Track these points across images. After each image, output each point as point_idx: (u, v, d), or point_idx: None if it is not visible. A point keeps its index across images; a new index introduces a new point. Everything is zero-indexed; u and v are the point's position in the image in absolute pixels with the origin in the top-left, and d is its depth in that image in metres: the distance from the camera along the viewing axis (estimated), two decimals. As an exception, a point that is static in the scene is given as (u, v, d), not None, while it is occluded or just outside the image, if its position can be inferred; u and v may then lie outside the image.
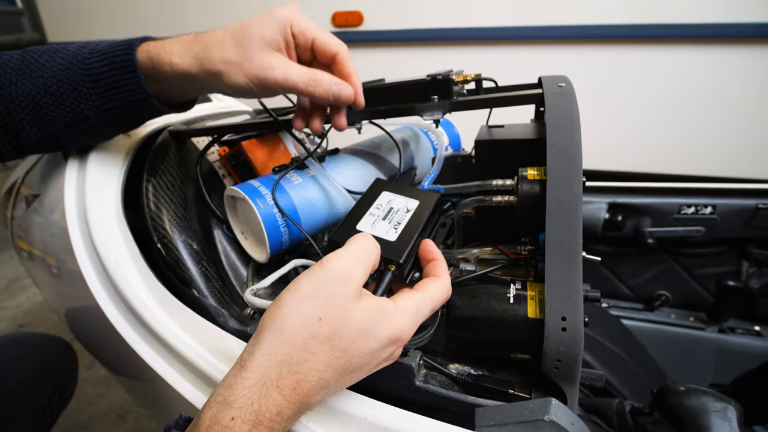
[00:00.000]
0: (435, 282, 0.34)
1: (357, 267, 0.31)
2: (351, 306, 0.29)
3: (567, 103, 0.40)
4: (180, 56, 0.39)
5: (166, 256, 0.48)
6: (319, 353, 0.28)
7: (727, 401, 0.37)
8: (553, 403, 0.29)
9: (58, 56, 0.43)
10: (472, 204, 0.46)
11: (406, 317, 0.31)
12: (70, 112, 0.43)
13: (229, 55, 0.38)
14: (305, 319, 0.28)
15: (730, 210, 0.92)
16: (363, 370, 0.31)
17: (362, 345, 0.29)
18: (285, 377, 0.27)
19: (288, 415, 0.27)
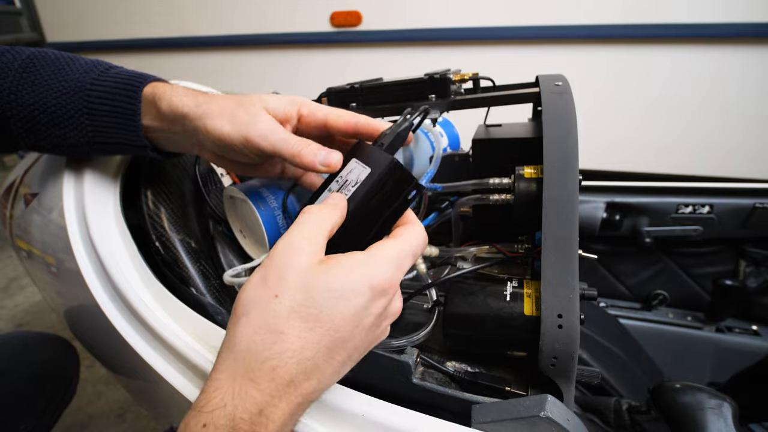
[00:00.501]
0: (408, 228, 0.32)
1: (301, 238, 0.28)
2: (310, 273, 0.26)
3: (563, 102, 0.40)
4: (181, 98, 0.39)
5: (165, 254, 0.48)
6: (288, 331, 0.25)
7: (723, 398, 0.38)
8: (548, 400, 0.30)
9: (62, 74, 0.42)
10: (470, 202, 0.46)
11: (385, 263, 0.28)
12: (62, 136, 0.43)
13: (225, 104, 0.37)
14: (262, 302, 0.26)
15: (727, 209, 0.93)
16: (357, 338, 0.27)
17: (340, 306, 0.26)
18: (255, 366, 0.24)
19: (276, 415, 0.24)
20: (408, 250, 0.30)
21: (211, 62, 2.07)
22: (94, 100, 0.41)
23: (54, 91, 0.42)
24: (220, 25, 1.95)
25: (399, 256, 0.29)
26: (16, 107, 0.42)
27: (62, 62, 0.43)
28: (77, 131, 0.43)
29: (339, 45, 1.83)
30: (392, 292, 0.28)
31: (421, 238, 0.32)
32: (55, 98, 0.42)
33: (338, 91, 0.53)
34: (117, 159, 0.55)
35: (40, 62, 0.43)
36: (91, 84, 0.42)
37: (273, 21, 1.87)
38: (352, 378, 0.38)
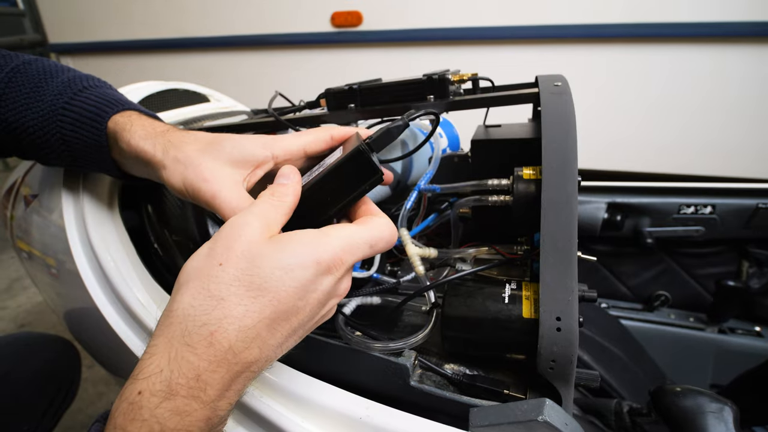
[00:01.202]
0: (370, 218, 0.32)
1: (251, 214, 0.28)
2: (258, 244, 0.26)
3: (562, 103, 0.40)
4: (140, 140, 0.38)
5: (163, 255, 0.48)
6: (229, 297, 0.24)
7: (724, 402, 0.37)
8: (546, 404, 0.29)
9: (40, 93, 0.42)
10: (468, 204, 0.46)
11: (336, 241, 0.28)
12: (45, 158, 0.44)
13: (180, 155, 0.35)
14: (204, 269, 0.26)
15: (729, 210, 0.92)
16: (302, 312, 0.27)
17: (284, 277, 0.25)
18: (193, 331, 0.23)
19: (214, 380, 0.23)
20: (365, 239, 0.30)
21: (211, 63, 2.07)
22: (66, 127, 0.41)
23: (32, 112, 0.41)
24: (221, 25, 1.96)
25: (352, 239, 0.29)
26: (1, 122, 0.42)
27: (42, 77, 0.43)
28: (56, 155, 0.43)
29: (339, 45, 1.83)
30: (340, 270, 0.28)
31: (384, 231, 0.31)
32: (33, 119, 0.41)
33: (336, 92, 0.52)
34: (116, 160, 0.55)
35: (22, 77, 0.43)
36: (62, 108, 0.41)
37: (273, 21, 1.87)
38: (349, 380, 0.38)
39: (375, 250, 0.31)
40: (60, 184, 0.53)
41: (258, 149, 0.36)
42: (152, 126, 0.39)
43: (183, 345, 0.23)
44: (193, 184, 0.34)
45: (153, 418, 0.22)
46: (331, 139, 0.38)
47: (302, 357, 0.39)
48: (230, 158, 0.35)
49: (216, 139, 0.36)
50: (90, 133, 0.40)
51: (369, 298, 0.44)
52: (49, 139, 0.41)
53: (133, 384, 0.23)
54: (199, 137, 0.37)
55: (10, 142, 0.43)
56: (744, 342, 0.95)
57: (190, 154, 0.35)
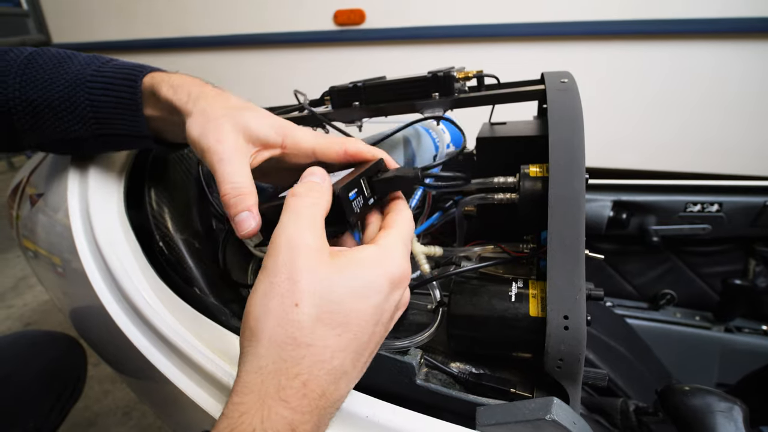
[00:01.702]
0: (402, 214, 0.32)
1: (302, 231, 0.26)
2: (325, 273, 0.25)
3: (569, 99, 0.39)
4: (178, 88, 0.38)
5: (168, 254, 0.48)
6: (315, 342, 0.23)
7: (733, 401, 0.37)
8: (554, 403, 0.29)
9: (63, 69, 0.43)
10: (474, 202, 0.45)
11: (397, 253, 0.27)
12: (67, 129, 0.43)
13: (208, 108, 0.36)
14: (279, 313, 0.24)
15: (736, 208, 0.91)
16: (377, 333, 0.27)
17: (363, 306, 0.25)
18: (286, 386, 0.23)
19: (307, 428, 0.23)
20: (408, 236, 0.30)
21: (214, 62, 2.07)
22: (96, 92, 0.41)
23: (57, 85, 0.42)
24: (223, 24, 1.96)
25: (405, 243, 0.29)
26: (20, 103, 0.42)
27: (63, 57, 0.44)
28: (81, 124, 0.43)
29: (342, 44, 1.82)
30: (407, 281, 0.28)
31: (411, 223, 0.32)
32: (58, 91, 0.42)
33: (341, 89, 0.52)
34: (121, 159, 0.55)
35: (42, 58, 0.44)
36: (91, 75, 0.42)
37: (276, 20, 1.87)
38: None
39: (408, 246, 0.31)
40: (65, 184, 0.53)
41: (272, 133, 0.35)
42: (191, 78, 0.40)
43: (277, 401, 0.22)
44: (208, 138, 0.34)
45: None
46: (344, 154, 0.36)
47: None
48: (246, 130, 0.35)
49: (243, 107, 0.37)
50: (124, 91, 0.41)
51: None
52: (77, 107, 0.41)
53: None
54: (231, 99, 0.38)
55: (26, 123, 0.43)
56: (751, 341, 0.95)
57: (217, 111, 0.35)
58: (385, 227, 0.30)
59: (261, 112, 0.37)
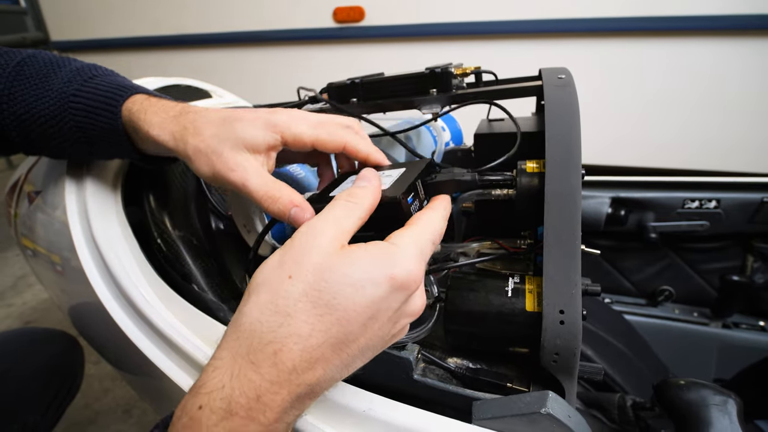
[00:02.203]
0: (427, 213, 0.30)
1: (325, 222, 0.27)
2: (328, 257, 0.25)
3: (567, 95, 0.39)
4: (158, 129, 0.37)
5: (166, 251, 0.48)
6: (296, 314, 0.23)
7: (727, 395, 0.37)
8: (550, 396, 0.29)
9: (48, 83, 0.42)
10: (471, 198, 0.45)
11: (408, 253, 0.26)
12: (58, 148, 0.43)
13: (201, 144, 0.35)
14: (274, 282, 0.25)
15: (734, 204, 0.91)
16: (370, 332, 0.25)
17: (355, 295, 0.24)
18: (258, 348, 0.23)
19: (275, 403, 0.22)
20: (428, 236, 0.28)
21: (213, 59, 2.07)
22: (79, 114, 0.40)
23: (42, 101, 0.41)
24: (222, 22, 1.95)
25: (420, 244, 0.27)
26: (9, 116, 0.42)
27: (48, 69, 0.42)
28: (70, 143, 0.42)
29: (342, 41, 1.82)
30: (414, 286, 0.26)
31: (441, 222, 0.30)
32: (44, 109, 0.41)
33: (338, 86, 0.52)
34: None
35: (30, 69, 0.42)
36: (73, 96, 0.41)
37: (275, 17, 1.87)
38: (353, 374, 0.38)
39: (436, 244, 0.30)
40: (63, 181, 0.53)
41: (268, 135, 0.35)
42: (165, 111, 0.38)
43: (247, 362, 0.23)
44: (221, 173, 0.34)
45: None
46: (344, 149, 0.37)
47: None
48: (244, 143, 0.34)
49: (226, 121, 0.36)
50: (105, 119, 0.40)
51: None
52: (63, 128, 0.41)
53: (195, 397, 0.22)
54: (212, 119, 0.36)
55: (18, 136, 0.43)
56: (748, 337, 0.95)
57: (210, 143, 0.35)
58: (407, 225, 0.29)
59: (245, 119, 0.36)
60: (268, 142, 0.35)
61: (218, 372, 0.23)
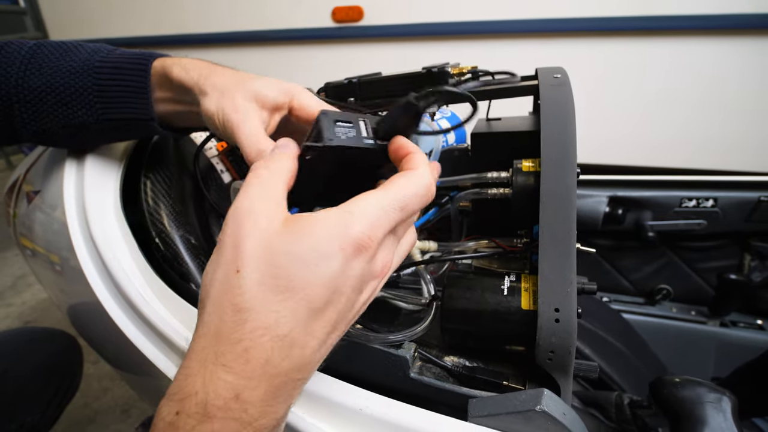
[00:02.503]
0: (404, 175, 0.27)
1: (255, 197, 0.25)
2: (271, 237, 0.23)
3: (562, 95, 0.39)
4: (188, 71, 0.40)
5: (165, 250, 0.48)
6: (256, 306, 0.22)
7: (722, 392, 0.37)
8: (545, 394, 0.29)
9: (70, 57, 0.44)
10: (468, 197, 0.46)
11: (360, 217, 0.24)
12: (71, 115, 0.44)
13: (218, 83, 0.38)
14: (222, 280, 0.23)
15: (731, 203, 0.92)
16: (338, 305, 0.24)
17: (309, 274, 0.23)
18: (226, 350, 0.22)
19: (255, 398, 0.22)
20: (393, 204, 0.25)
21: (212, 59, 2.04)
22: (103, 77, 0.42)
23: (62, 72, 0.43)
24: (221, 21, 1.95)
25: (379, 210, 0.25)
26: (23, 91, 0.43)
27: (68, 46, 0.45)
28: (86, 109, 0.43)
29: (341, 41, 1.82)
30: (370, 249, 0.24)
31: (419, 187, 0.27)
32: (63, 78, 0.42)
33: (336, 86, 0.52)
34: (117, 155, 0.55)
35: (47, 48, 0.44)
36: (99, 62, 0.43)
37: (274, 17, 1.86)
38: (350, 372, 0.38)
39: (409, 211, 0.26)
40: (61, 181, 0.53)
41: (280, 95, 0.37)
42: (201, 60, 0.42)
43: (218, 366, 0.22)
44: (225, 111, 0.36)
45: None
46: None
47: (303, 349, 0.39)
48: (257, 96, 0.36)
49: (249, 77, 0.39)
50: (133, 75, 0.42)
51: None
52: (83, 93, 0.42)
53: (169, 404, 0.22)
54: (239, 72, 0.40)
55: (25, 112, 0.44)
56: (746, 335, 0.96)
57: (227, 83, 0.37)
58: (379, 187, 0.27)
59: (265, 78, 0.39)
60: (277, 101, 0.37)
61: (190, 379, 0.22)
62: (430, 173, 0.28)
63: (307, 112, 0.38)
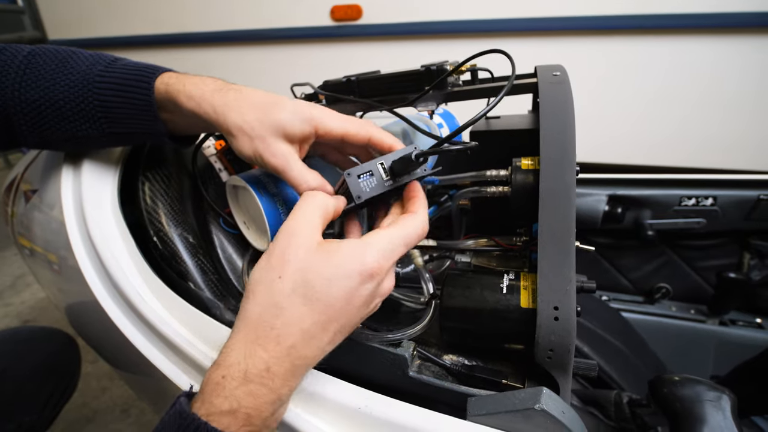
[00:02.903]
0: (408, 217, 0.35)
1: (300, 222, 0.32)
2: (307, 257, 0.31)
3: (561, 92, 0.39)
4: (198, 101, 0.39)
5: (162, 249, 0.48)
6: (289, 307, 0.30)
7: (721, 390, 0.37)
8: (544, 392, 0.29)
9: (67, 68, 0.42)
10: (467, 195, 0.45)
11: (375, 249, 0.31)
12: (73, 129, 0.43)
13: (244, 125, 0.38)
14: (267, 281, 0.31)
15: (731, 201, 0.92)
16: (348, 313, 0.31)
17: (333, 288, 0.30)
18: (264, 335, 0.29)
19: (281, 372, 0.29)
20: (401, 240, 0.33)
21: (211, 58, 2.06)
22: (106, 93, 0.41)
23: (60, 85, 0.42)
24: (221, 20, 1.95)
25: (390, 244, 0.32)
26: (20, 104, 0.42)
27: (65, 56, 0.43)
28: (90, 123, 0.43)
29: (340, 39, 1.82)
30: (380, 276, 0.32)
31: (419, 227, 0.34)
32: (62, 92, 0.42)
33: (334, 83, 0.52)
34: (115, 155, 0.55)
35: (42, 57, 0.43)
36: (99, 76, 0.42)
37: (273, 16, 1.86)
38: (348, 371, 0.38)
39: (409, 246, 0.34)
40: (59, 179, 0.53)
41: (306, 127, 0.39)
42: (204, 84, 0.40)
43: (256, 345, 0.29)
44: (263, 157, 0.38)
45: (232, 396, 0.28)
46: (369, 142, 0.40)
47: (301, 348, 0.39)
48: (284, 133, 0.38)
49: (269, 107, 0.38)
50: (136, 94, 0.41)
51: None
52: (85, 107, 0.42)
53: (217, 369, 0.29)
54: (255, 101, 0.39)
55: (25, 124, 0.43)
56: (745, 333, 0.95)
57: (254, 125, 0.38)
58: (389, 225, 0.34)
59: (288, 108, 0.39)
60: (304, 133, 0.39)
61: (234, 352, 0.29)
62: (426, 215, 0.36)
63: (332, 136, 0.40)
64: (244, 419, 0.27)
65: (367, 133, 0.40)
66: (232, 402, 0.27)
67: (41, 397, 0.72)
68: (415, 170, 0.38)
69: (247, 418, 0.28)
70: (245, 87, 0.41)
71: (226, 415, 0.27)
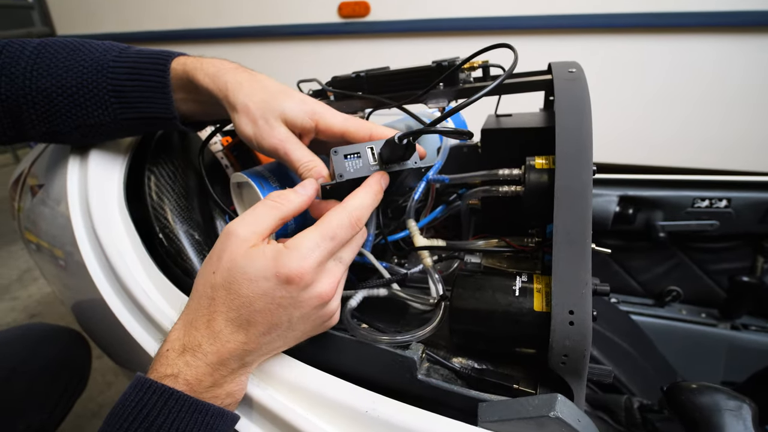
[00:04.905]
0: (333, 211, 0.35)
1: (239, 224, 0.34)
2: (237, 257, 0.33)
3: (578, 89, 0.38)
4: (213, 78, 0.41)
5: (168, 246, 0.48)
6: (218, 298, 0.33)
7: (742, 399, 0.36)
8: (558, 399, 0.28)
9: (79, 55, 0.43)
10: (478, 194, 0.44)
11: (293, 255, 0.32)
12: (86, 115, 0.43)
13: (250, 104, 0.40)
14: (205, 276, 0.34)
15: (745, 203, 0.90)
16: (275, 314, 0.33)
17: (251, 286, 0.32)
18: (197, 318, 0.33)
19: (212, 349, 0.32)
20: (319, 239, 0.33)
21: (218, 54, 2.02)
22: (120, 77, 0.42)
23: (73, 72, 0.42)
24: (228, 17, 1.95)
25: (310, 243, 0.33)
26: (30, 92, 0.42)
27: (76, 45, 0.44)
28: (102, 109, 0.43)
29: (347, 36, 1.81)
30: (302, 281, 0.32)
31: (343, 220, 0.34)
32: (74, 78, 0.42)
33: (343, 80, 0.51)
34: (121, 150, 0.54)
35: (53, 47, 0.43)
36: (113, 61, 0.42)
37: (280, 13, 1.86)
38: (355, 373, 0.38)
39: (341, 239, 0.34)
40: (65, 175, 0.52)
41: (307, 120, 0.40)
42: (221, 64, 0.42)
43: (192, 327, 0.33)
44: (262, 136, 0.40)
45: (174, 364, 0.32)
46: (369, 138, 0.40)
47: (308, 349, 0.38)
48: (286, 120, 0.40)
49: (278, 93, 0.40)
50: (152, 75, 0.42)
51: (375, 290, 0.43)
52: (97, 93, 0.42)
53: (164, 345, 0.33)
54: (266, 86, 0.41)
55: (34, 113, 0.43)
56: (757, 338, 0.94)
57: (260, 106, 0.39)
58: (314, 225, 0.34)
59: (295, 98, 0.41)
60: (305, 125, 0.40)
61: (176, 331, 0.34)
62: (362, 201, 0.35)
63: (333, 132, 0.41)
64: (184, 384, 0.31)
65: (368, 130, 0.40)
66: (173, 368, 0.31)
67: (52, 396, 0.72)
68: (405, 159, 0.38)
69: (187, 383, 0.31)
70: (259, 73, 0.43)
71: (169, 378, 0.31)
